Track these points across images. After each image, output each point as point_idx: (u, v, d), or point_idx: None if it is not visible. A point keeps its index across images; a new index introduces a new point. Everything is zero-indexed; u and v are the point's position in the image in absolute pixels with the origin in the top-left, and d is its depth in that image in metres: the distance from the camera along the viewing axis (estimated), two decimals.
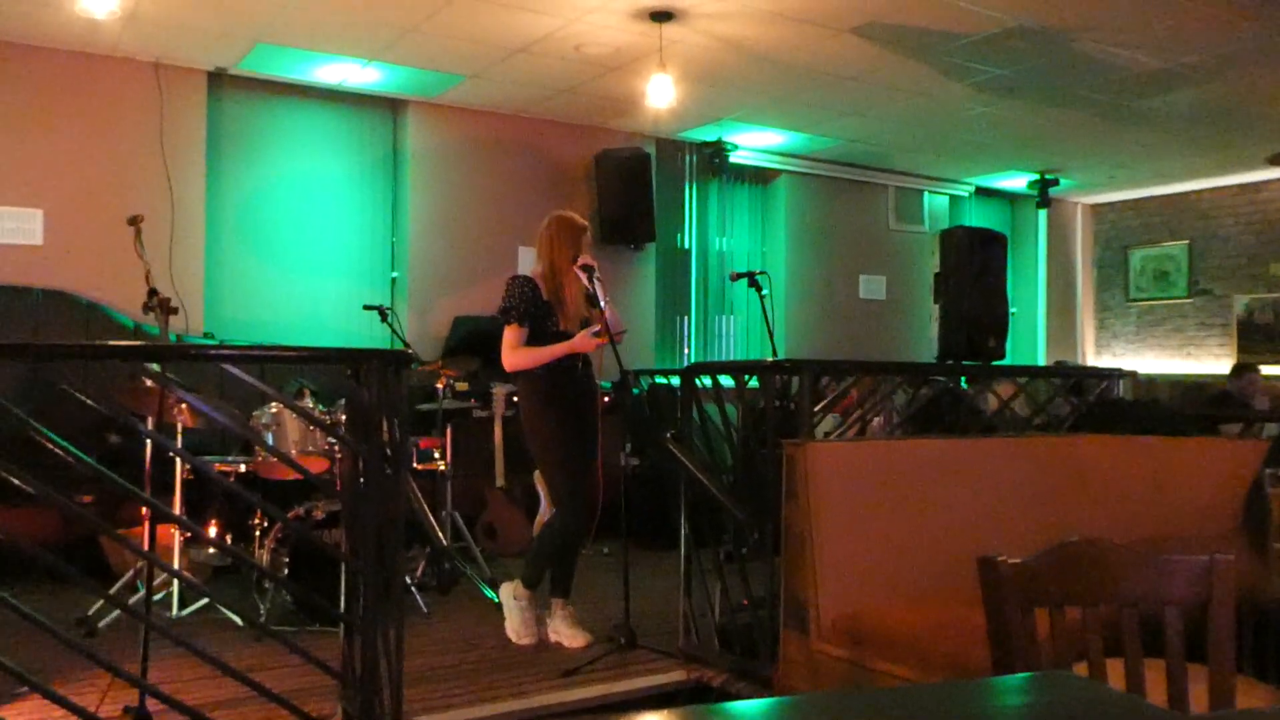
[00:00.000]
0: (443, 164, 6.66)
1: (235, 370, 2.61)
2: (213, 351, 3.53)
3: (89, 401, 2.76)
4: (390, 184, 6.67)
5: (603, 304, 3.74)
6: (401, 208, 6.63)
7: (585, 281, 3.82)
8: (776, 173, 8.15)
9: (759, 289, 4.77)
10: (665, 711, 0.98)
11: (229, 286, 6.05)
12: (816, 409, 3.66)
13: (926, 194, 8.90)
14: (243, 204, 6.15)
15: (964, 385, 5.39)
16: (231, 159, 6.11)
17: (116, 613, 3.95)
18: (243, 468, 4.41)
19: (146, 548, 3.39)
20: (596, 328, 3.75)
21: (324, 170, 6.40)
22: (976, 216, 9.18)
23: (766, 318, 4.71)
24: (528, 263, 6.40)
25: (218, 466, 4.38)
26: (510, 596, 3.97)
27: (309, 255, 6.31)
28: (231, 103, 6.10)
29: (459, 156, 6.72)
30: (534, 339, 3.83)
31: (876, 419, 5.09)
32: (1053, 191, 8.99)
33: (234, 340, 5.84)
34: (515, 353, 3.82)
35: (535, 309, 3.82)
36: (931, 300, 4.84)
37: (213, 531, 4.51)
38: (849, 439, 4.04)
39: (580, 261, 3.79)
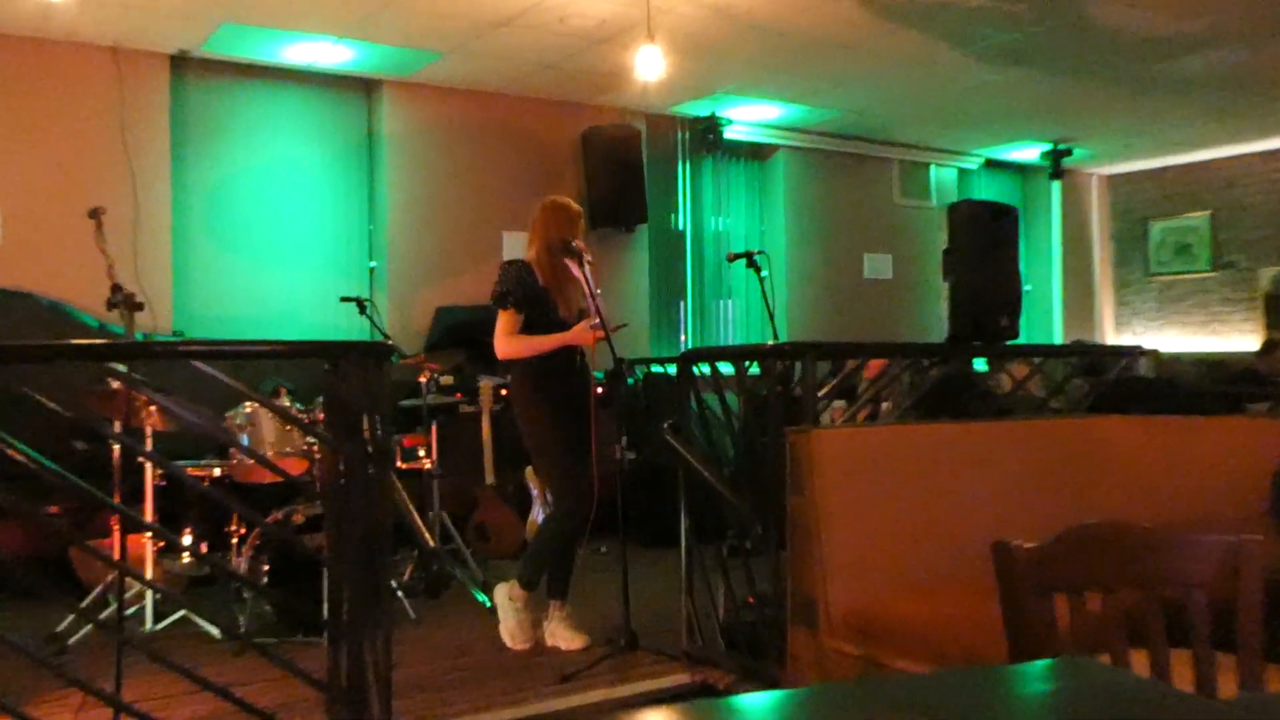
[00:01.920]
0: (421, 147, 6.65)
1: (206, 368, 2.61)
2: (181, 348, 3.52)
3: (53, 406, 2.75)
4: (366, 169, 6.66)
5: (590, 297, 3.74)
6: (379, 194, 6.62)
7: (575, 269, 3.82)
8: (774, 148, 8.14)
9: (758, 270, 4.76)
10: (671, 707, 0.99)
11: (198, 281, 6.04)
12: (821, 394, 3.66)
13: (933, 167, 8.90)
14: (211, 194, 6.14)
15: (976, 367, 5.41)
16: (198, 146, 6.10)
17: (89, 628, 3.95)
18: (217, 471, 4.40)
19: (118, 559, 3.39)
20: (595, 320, 3.76)
21: (296, 156, 6.39)
22: (986, 190, 9.18)
23: (766, 300, 4.71)
24: (513, 248, 6.40)
25: (191, 471, 4.37)
26: (505, 598, 3.98)
27: (282, 246, 6.30)
28: (196, 87, 6.08)
29: (437, 138, 6.70)
30: (529, 327, 3.84)
31: (885, 403, 5.10)
32: (1066, 162, 8.99)
33: (205, 336, 5.83)
34: (509, 340, 3.82)
35: (531, 295, 3.82)
36: (940, 278, 4.84)
37: (187, 540, 4.51)
38: (856, 425, 4.05)
39: (574, 246, 3.79)
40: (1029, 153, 9.01)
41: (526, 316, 3.83)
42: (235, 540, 4.34)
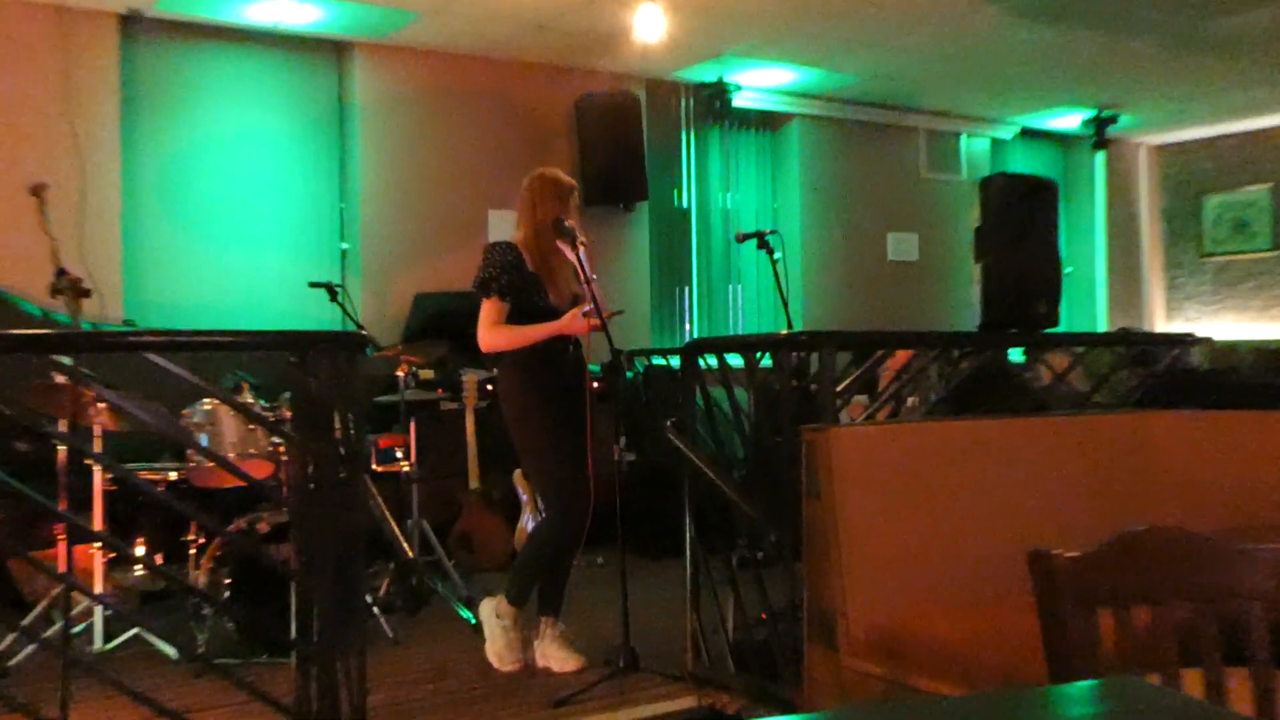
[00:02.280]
0: (397, 116, 6.65)
1: (161, 361, 2.61)
2: (133, 339, 3.52)
3: None
4: (337, 141, 6.65)
5: (586, 280, 3.74)
6: (351, 169, 6.61)
7: (569, 251, 3.82)
8: (788, 116, 8.14)
9: (770, 251, 4.76)
10: None
11: (151, 265, 6.04)
12: (840, 388, 3.66)
13: (964, 137, 8.89)
14: (165, 168, 6.13)
15: (1012, 358, 5.41)
16: (150, 116, 6.09)
17: (32, 648, 3.96)
18: (173, 475, 4.40)
19: (64, 571, 3.39)
20: (587, 306, 3.75)
21: (259, 127, 6.38)
22: (1023, 162, 9.17)
23: (780, 285, 4.71)
24: (500, 228, 6.40)
25: (144, 474, 4.38)
26: (492, 615, 3.99)
27: (244, 226, 6.30)
28: (149, 50, 6.07)
29: (416, 107, 6.70)
30: (517, 316, 3.84)
31: (911, 399, 5.10)
32: (1111, 131, 8.97)
33: (159, 327, 5.83)
34: (494, 330, 3.83)
35: (519, 280, 3.82)
36: (972, 260, 4.85)
37: (141, 550, 4.52)
38: (878, 422, 4.05)
39: (567, 226, 3.79)
40: (1070, 120, 8.99)
41: (514, 304, 3.83)
42: (193, 551, 4.33)
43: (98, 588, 4.18)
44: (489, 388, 5.33)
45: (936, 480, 2.97)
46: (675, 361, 4.00)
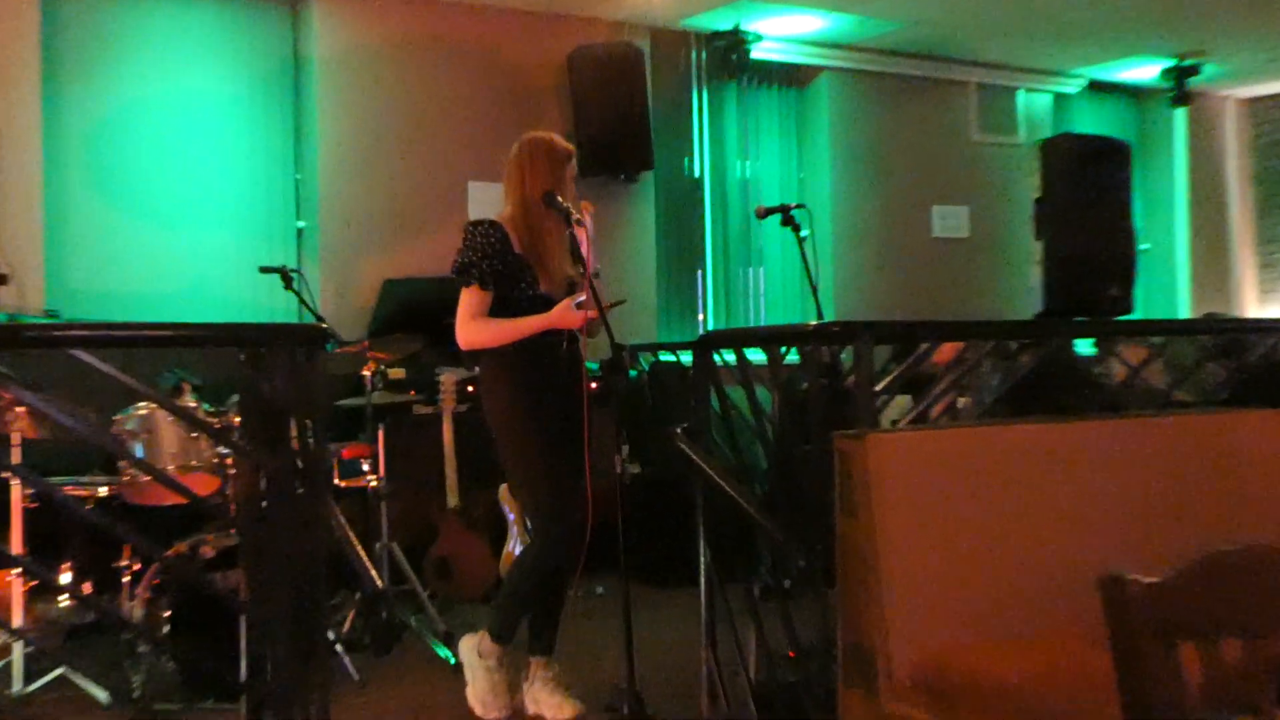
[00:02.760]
0: (361, 74, 6.65)
1: (89, 358, 2.61)
2: (57, 333, 3.51)
3: None
4: (291, 104, 6.66)
5: (583, 266, 3.73)
6: (308, 135, 6.62)
7: (563, 230, 3.82)
8: (816, 70, 8.13)
9: (796, 228, 4.75)
10: None
11: (77, 247, 6.05)
12: (879, 388, 3.65)
13: (1021, 92, 8.87)
14: (93, 137, 6.14)
15: (1079, 350, 5.39)
16: (76, 78, 6.09)
17: None
18: (104, 491, 4.40)
19: None
20: (581, 296, 3.74)
21: (201, 89, 6.39)
22: (1090, 121, 9.15)
23: (808, 267, 4.70)
24: (482, 203, 6.40)
25: (70, 490, 4.37)
26: (474, 654, 3.99)
27: (184, 203, 6.31)
28: (73, 3, 6.07)
29: (382, 63, 6.70)
30: (502, 307, 3.83)
31: (962, 399, 5.10)
32: (1193, 83, 8.94)
33: (87, 318, 5.83)
34: (474, 324, 3.82)
35: (504, 266, 3.82)
36: (1032, 236, 4.83)
37: (66, 578, 4.52)
38: (924, 426, 4.04)
39: (560, 202, 3.78)
40: (1145, 71, 8.97)
41: (498, 293, 3.82)
42: (127, 579, 4.33)
43: (16, 621, 4.18)
44: (470, 389, 5.32)
45: (992, 494, 2.96)
46: (686, 358, 3.99)
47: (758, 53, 7.67)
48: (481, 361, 3.94)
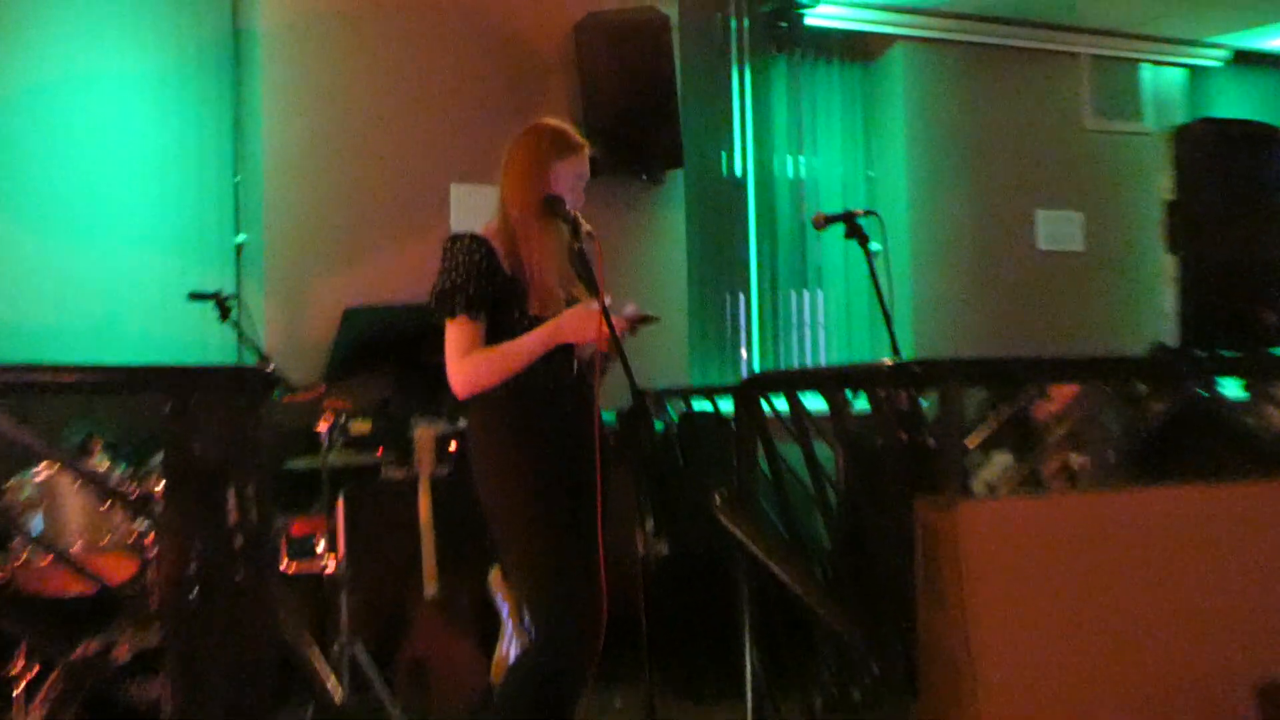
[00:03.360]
0: (317, 51, 6.67)
1: None
2: None
3: None
4: (229, 87, 6.69)
5: (594, 283, 3.75)
6: (250, 126, 6.65)
7: (570, 240, 3.83)
8: (887, 40, 8.15)
9: (864, 241, 4.76)
10: None
11: None
12: (971, 444, 3.65)
13: (1146, 67, 8.88)
14: None
15: (1226, 393, 5.34)
16: None
17: None
18: None
19: None
20: (598, 303, 3.74)
21: (116, 71, 6.41)
22: (1236, 102, 9.15)
23: (879, 290, 4.70)
24: (469, 210, 6.42)
25: None
26: None
27: (96, 213, 6.32)
28: None
29: (343, 35, 6.73)
30: (489, 335, 3.85)
31: (1077, 456, 5.08)
32: None
33: None
34: (470, 361, 3.81)
35: (493, 289, 3.83)
36: (1163, 248, 4.80)
37: None
38: (1030, 493, 4.03)
39: (565, 209, 3.80)
40: None
41: (489, 320, 3.84)
42: (23, 686, 4.32)
43: None
44: (452, 448, 5.32)
45: (1116, 577, 2.95)
46: (726, 405, 3.99)
47: (813, 19, 7.70)
48: (469, 408, 3.94)
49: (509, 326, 3.86)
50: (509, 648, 5.22)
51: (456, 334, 3.84)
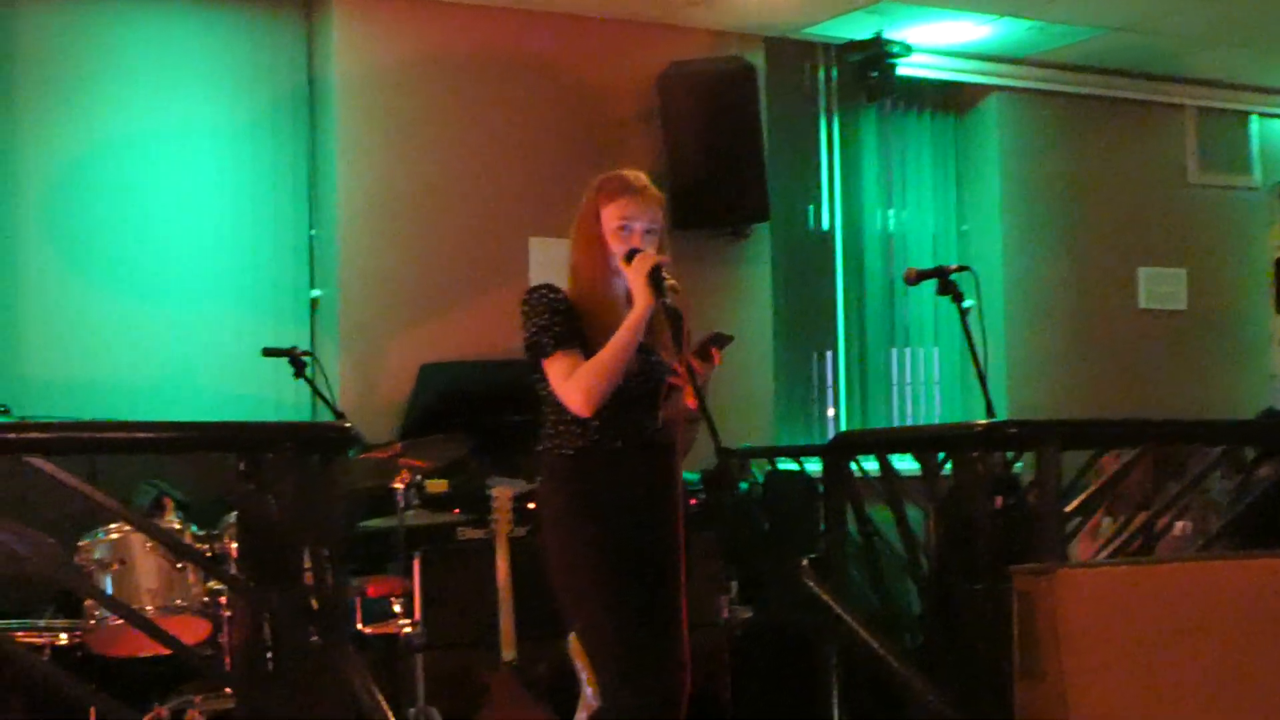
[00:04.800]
0: (393, 103, 6.73)
1: (46, 466, 2.66)
2: (7, 435, 3.59)
3: None
4: (304, 138, 6.75)
5: (677, 349, 3.76)
6: (324, 179, 6.71)
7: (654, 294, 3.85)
8: (982, 90, 8.13)
9: (958, 298, 4.73)
10: None
11: (33, 325, 6.17)
12: (1070, 508, 3.62)
13: (1255, 119, 8.80)
14: (53, 185, 6.26)
15: None
16: (34, 110, 6.24)
17: None
18: (64, 638, 4.45)
19: None
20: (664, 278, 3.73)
21: (191, 123, 6.49)
22: None
23: (973, 348, 4.67)
24: (546, 264, 6.41)
25: (20, 637, 4.42)
26: None
27: (169, 268, 6.40)
28: (33, 17, 6.23)
29: (420, 89, 6.79)
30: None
31: (1181, 523, 5.02)
32: None
33: (44, 416, 5.93)
34: (575, 378, 3.77)
35: (579, 324, 3.84)
36: (1273, 308, 4.76)
37: None
38: (1131, 561, 3.98)
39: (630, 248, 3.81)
40: None
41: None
42: None
43: None
44: (531, 506, 5.32)
45: (1220, 647, 2.91)
46: (814, 466, 3.98)
47: (905, 68, 7.66)
48: (540, 469, 3.95)
49: None
50: (587, 716, 5.20)
51: (556, 368, 3.80)
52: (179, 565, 4.37)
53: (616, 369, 3.77)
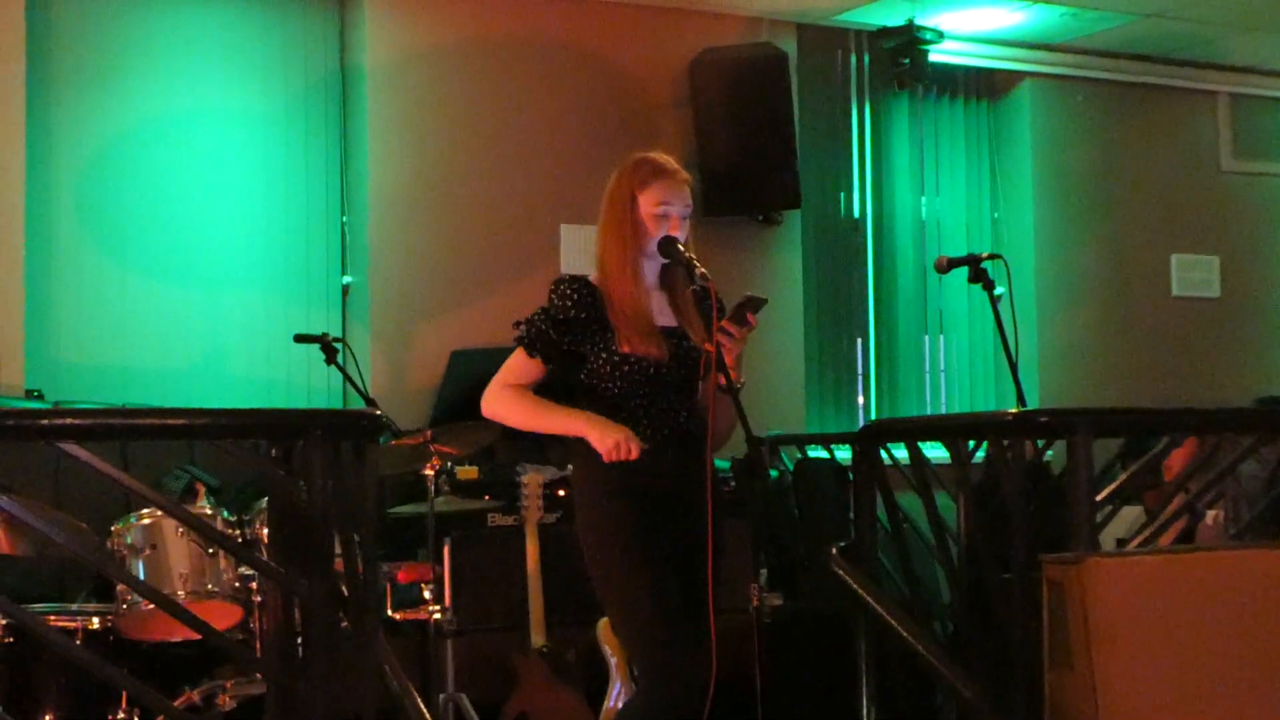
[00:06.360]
0: (424, 91, 6.75)
1: (79, 452, 2.68)
2: (40, 422, 3.61)
3: None
4: (336, 127, 6.78)
5: (706, 336, 3.76)
6: (356, 166, 6.74)
7: (685, 283, 3.84)
8: (1015, 77, 8.12)
9: (990, 286, 4.73)
10: None
11: (67, 311, 6.20)
12: (1101, 496, 3.61)
13: None
14: (88, 172, 6.30)
15: None
16: (68, 100, 6.27)
17: None
18: (96, 622, 4.48)
19: None
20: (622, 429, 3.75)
21: (222, 112, 6.53)
22: None
23: (1004, 336, 4.66)
24: (578, 252, 6.43)
25: (53, 621, 4.45)
26: None
27: (201, 255, 6.43)
28: (67, 2, 6.26)
29: (452, 75, 6.80)
30: (580, 366, 3.88)
31: (1213, 511, 5.00)
32: None
33: (77, 402, 5.97)
34: (503, 394, 3.93)
35: (576, 333, 3.85)
36: None
37: None
38: (1162, 550, 3.97)
39: (680, 252, 3.81)
40: None
41: (574, 350, 3.86)
42: None
43: None
44: (561, 493, 5.33)
45: (1250, 637, 2.90)
46: (844, 454, 3.98)
47: (937, 55, 7.64)
48: (573, 458, 3.96)
49: (595, 359, 3.88)
50: (617, 701, 5.21)
51: (512, 362, 3.93)
52: (210, 551, 4.40)
53: (529, 428, 3.95)
